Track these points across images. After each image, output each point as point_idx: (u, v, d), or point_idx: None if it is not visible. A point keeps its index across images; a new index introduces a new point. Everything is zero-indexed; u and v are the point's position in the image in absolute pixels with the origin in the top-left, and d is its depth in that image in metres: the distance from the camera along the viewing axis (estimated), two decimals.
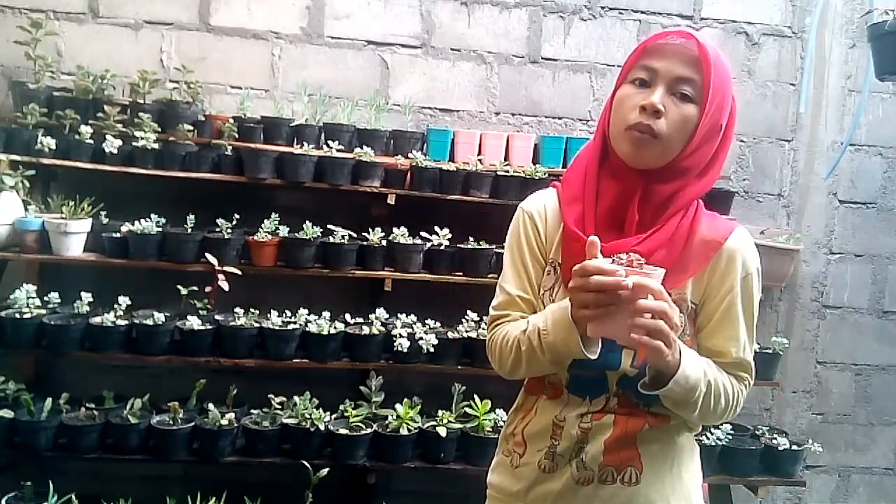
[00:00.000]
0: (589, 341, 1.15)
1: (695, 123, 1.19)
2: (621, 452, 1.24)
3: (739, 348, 1.26)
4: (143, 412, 2.57)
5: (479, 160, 2.83)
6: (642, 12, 3.11)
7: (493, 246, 2.77)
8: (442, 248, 2.74)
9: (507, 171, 2.79)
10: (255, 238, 2.64)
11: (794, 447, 2.84)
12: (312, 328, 2.61)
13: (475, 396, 2.68)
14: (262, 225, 2.67)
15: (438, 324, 2.79)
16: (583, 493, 1.25)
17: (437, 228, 2.77)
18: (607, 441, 1.24)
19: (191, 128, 2.68)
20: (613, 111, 1.24)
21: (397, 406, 2.64)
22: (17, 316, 2.49)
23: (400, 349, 2.61)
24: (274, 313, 2.68)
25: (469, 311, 2.77)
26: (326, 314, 2.68)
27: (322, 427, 2.54)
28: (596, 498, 1.25)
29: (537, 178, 2.75)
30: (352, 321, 2.76)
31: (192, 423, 2.52)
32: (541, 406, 1.33)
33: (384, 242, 2.72)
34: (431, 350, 2.63)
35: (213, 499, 2.43)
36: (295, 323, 2.65)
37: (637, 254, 1.12)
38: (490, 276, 2.75)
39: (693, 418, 1.24)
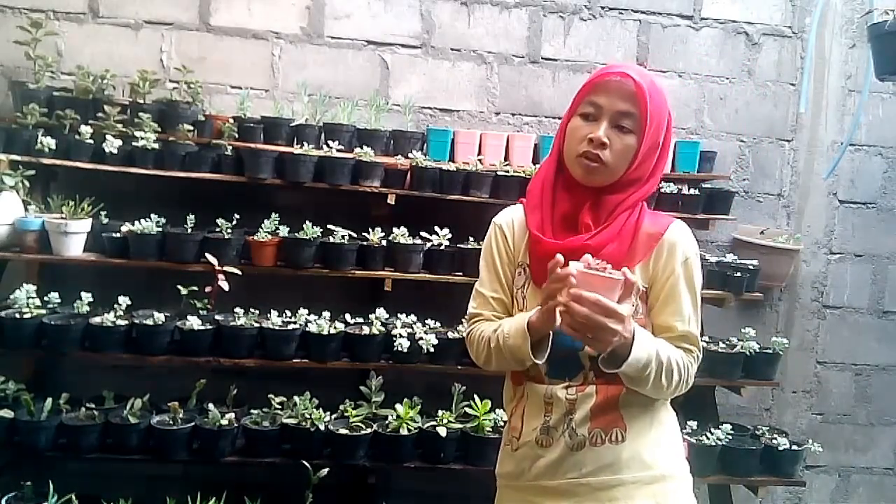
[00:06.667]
0: (538, 347, 1.37)
1: (635, 149, 1.40)
2: (606, 416, 1.42)
3: (684, 322, 1.44)
4: (143, 412, 2.57)
5: (479, 160, 2.83)
6: (642, 12, 3.11)
7: None
8: (442, 248, 2.74)
9: (507, 171, 2.79)
10: (255, 238, 2.64)
11: (794, 447, 2.83)
12: (312, 328, 2.61)
13: (475, 396, 2.68)
14: (262, 225, 2.67)
15: (438, 324, 2.79)
16: (577, 458, 1.42)
17: (437, 228, 2.77)
18: (592, 408, 1.41)
19: (191, 128, 2.68)
20: (566, 140, 1.45)
21: (397, 406, 2.64)
22: (17, 316, 2.49)
23: (400, 349, 2.61)
24: (274, 313, 2.68)
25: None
26: (326, 314, 2.67)
27: (322, 427, 2.54)
28: (589, 459, 1.41)
29: None
30: (352, 321, 2.76)
31: (192, 423, 2.52)
32: (530, 389, 1.49)
33: (384, 242, 2.72)
34: (431, 350, 2.63)
35: (213, 499, 2.43)
36: (295, 323, 2.65)
37: (600, 259, 1.30)
38: None
39: (645, 390, 1.40)
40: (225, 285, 2.56)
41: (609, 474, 1.40)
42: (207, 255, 2.58)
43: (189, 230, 2.63)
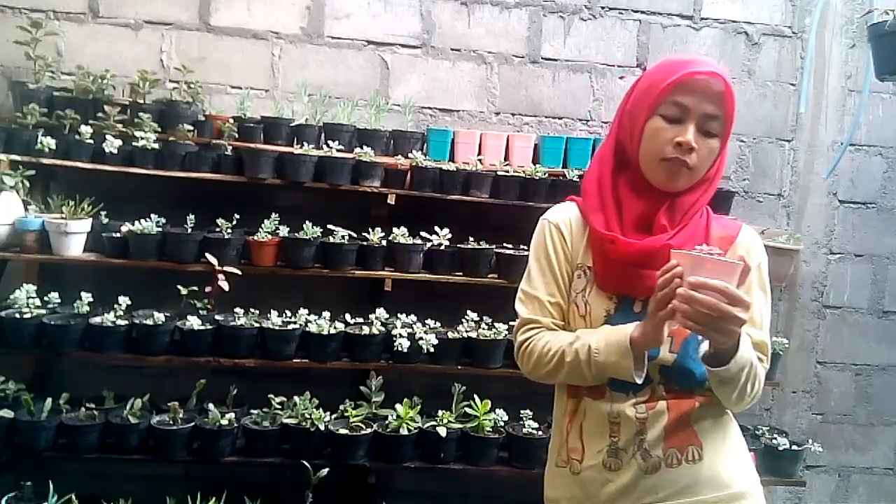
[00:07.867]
0: (638, 365, 1.27)
1: (718, 152, 1.35)
2: (680, 434, 1.33)
3: (758, 330, 1.36)
4: (143, 412, 2.57)
5: (479, 160, 2.83)
6: (642, 12, 3.11)
7: (493, 246, 2.77)
8: (442, 248, 2.74)
9: (507, 171, 2.79)
10: (255, 238, 2.64)
11: (794, 447, 2.84)
12: (312, 328, 2.61)
13: (475, 396, 2.68)
14: (262, 225, 2.66)
15: (438, 324, 2.79)
16: (651, 481, 1.32)
17: (437, 228, 2.76)
18: (666, 426, 1.32)
19: (191, 128, 2.68)
20: (646, 141, 1.35)
21: (397, 406, 2.64)
22: (17, 316, 2.49)
23: (400, 349, 2.61)
24: (274, 313, 2.68)
25: (469, 311, 2.77)
26: (326, 314, 2.67)
27: (322, 427, 2.54)
28: (665, 482, 1.32)
29: (537, 178, 2.75)
30: (352, 321, 2.76)
31: (192, 423, 2.52)
32: (588, 407, 1.39)
33: (384, 242, 2.72)
34: (431, 350, 2.63)
35: (213, 499, 2.43)
36: (295, 323, 2.65)
37: (709, 246, 1.25)
38: (490, 276, 2.75)
39: (731, 398, 1.31)
40: (225, 285, 2.56)
41: (688, 497, 1.32)
42: (207, 255, 2.58)
43: (189, 230, 2.63)
